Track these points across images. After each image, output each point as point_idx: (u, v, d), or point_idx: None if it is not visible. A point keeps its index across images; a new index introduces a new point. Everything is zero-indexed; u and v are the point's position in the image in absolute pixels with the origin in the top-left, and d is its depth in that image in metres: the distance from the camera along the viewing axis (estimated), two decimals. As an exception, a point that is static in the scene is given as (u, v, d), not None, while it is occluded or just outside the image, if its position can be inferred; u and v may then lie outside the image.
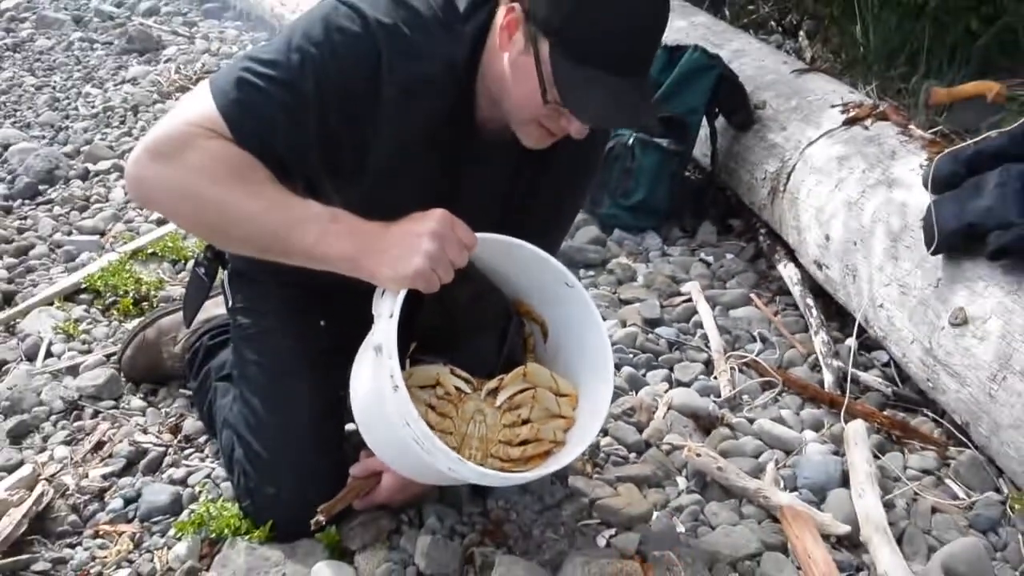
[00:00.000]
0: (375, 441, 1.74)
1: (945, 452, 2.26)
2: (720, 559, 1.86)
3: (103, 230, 3.29)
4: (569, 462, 1.73)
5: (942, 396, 2.25)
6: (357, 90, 1.60)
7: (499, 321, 1.82)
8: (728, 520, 2.00)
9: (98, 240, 3.20)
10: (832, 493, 2.08)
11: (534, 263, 1.74)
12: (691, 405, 2.37)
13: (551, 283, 1.76)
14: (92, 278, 2.85)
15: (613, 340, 2.65)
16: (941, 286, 2.24)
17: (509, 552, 1.85)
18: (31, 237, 3.22)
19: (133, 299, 2.77)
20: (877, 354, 2.66)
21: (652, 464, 2.15)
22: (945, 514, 2.05)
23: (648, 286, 3.01)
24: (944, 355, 2.18)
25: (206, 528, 1.88)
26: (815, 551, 1.84)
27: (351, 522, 1.87)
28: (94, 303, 2.79)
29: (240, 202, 1.56)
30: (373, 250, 1.55)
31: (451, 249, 1.55)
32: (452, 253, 1.55)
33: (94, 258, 3.05)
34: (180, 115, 1.59)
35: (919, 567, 1.88)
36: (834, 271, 2.70)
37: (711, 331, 2.73)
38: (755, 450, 2.23)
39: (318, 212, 1.57)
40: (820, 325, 2.72)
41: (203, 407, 2.17)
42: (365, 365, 1.68)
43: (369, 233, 1.57)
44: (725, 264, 3.20)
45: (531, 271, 1.77)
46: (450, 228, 1.55)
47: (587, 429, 1.73)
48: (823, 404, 2.44)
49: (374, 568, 1.78)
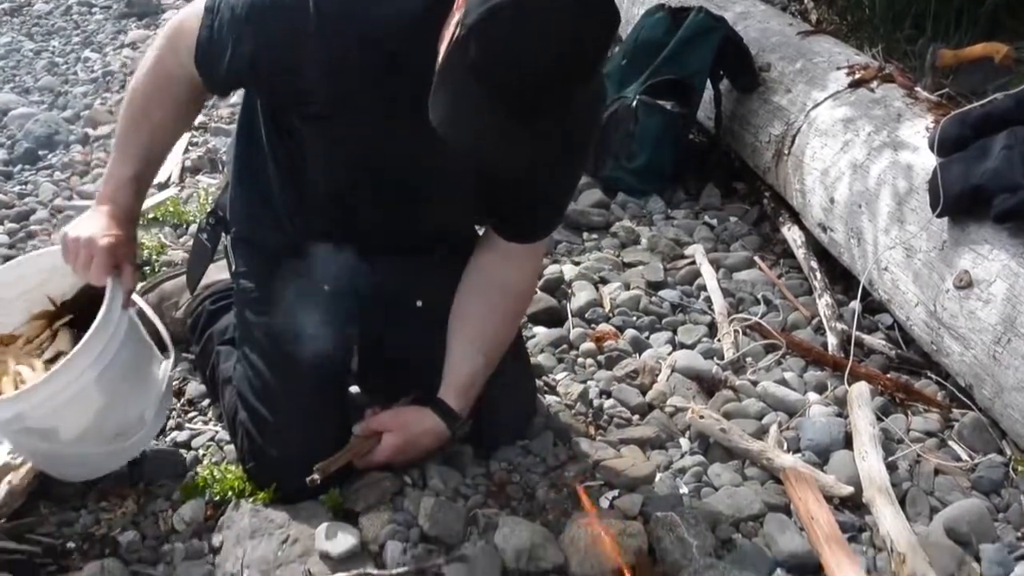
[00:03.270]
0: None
1: (948, 414, 2.27)
2: (723, 520, 1.88)
3: (104, 195, 3.28)
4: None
5: (946, 359, 2.26)
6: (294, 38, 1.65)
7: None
8: (731, 482, 2.01)
9: (99, 205, 3.19)
10: (835, 455, 2.09)
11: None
12: (694, 368, 2.38)
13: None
14: (93, 243, 2.84)
15: (617, 303, 2.66)
16: (946, 249, 2.24)
17: (513, 513, 1.86)
18: (32, 202, 3.22)
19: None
20: (881, 317, 2.66)
21: (655, 426, 2.16)
22: (948, 476, 2.06)
23: (652, 249, 3.01)
24: (948, 318, 2.19)
25: (210, 491, 1.90)
26: (818, 512, 1.85)
27: (354, 484, 1.88)
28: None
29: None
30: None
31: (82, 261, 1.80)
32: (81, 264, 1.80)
33: (96, 223, 3.04)
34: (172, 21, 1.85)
35: (921, 528, 1.89)
36: (839, 234, 2.70)
37: (715, 294, 2.74)
38: (758, 412, 2.25)
39: (102, 189, 1.94)
40: (824, 288, 2.72)
41: (206, 371, 2.18)
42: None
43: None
44: (729, 227, 3.19)
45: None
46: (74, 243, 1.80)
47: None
48: (827, 367, 2.45)
49: (378, 529, 1.79)
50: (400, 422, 1.89)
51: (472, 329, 1.92)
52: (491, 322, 1.94)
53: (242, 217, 1.99)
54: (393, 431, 1.87)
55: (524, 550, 1.73)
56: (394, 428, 1.88)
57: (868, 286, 2.55)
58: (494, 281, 1.93)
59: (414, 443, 1.89)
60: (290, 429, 1.86)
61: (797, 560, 1.79)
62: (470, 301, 1.94)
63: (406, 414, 1.91)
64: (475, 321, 1.92)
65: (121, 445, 1.89)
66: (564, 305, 2.66)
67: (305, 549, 1.76)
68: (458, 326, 1.93)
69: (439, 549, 1.78)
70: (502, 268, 1.93)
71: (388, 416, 1.90)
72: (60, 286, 2.02)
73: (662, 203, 3.33)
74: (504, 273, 1.94)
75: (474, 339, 1.92)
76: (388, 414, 1.90)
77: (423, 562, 1.73)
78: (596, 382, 2.32)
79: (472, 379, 1.91)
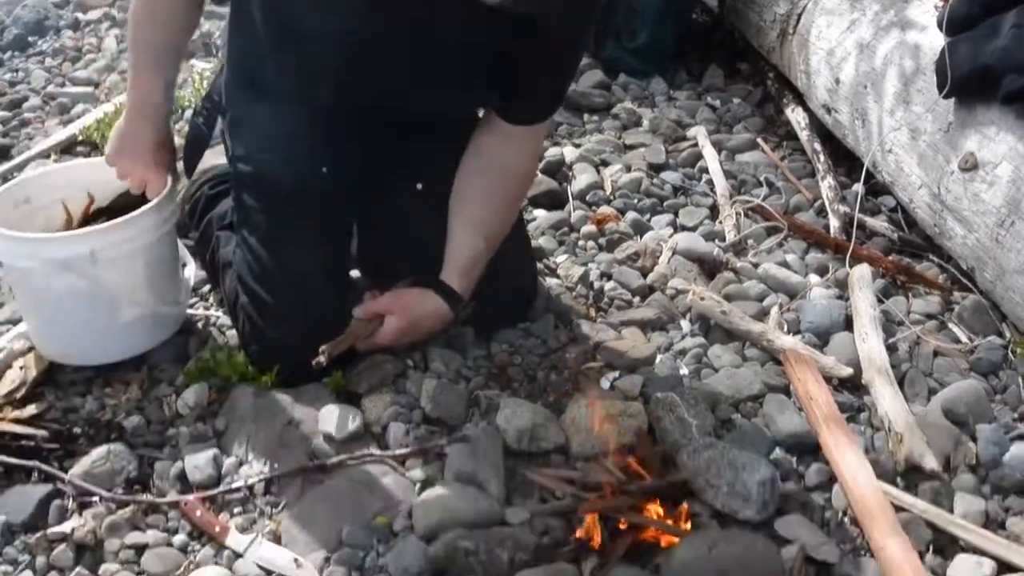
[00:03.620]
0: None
1: (949, 297, 2.27)
2: (722, 400, 1.89)
3: (97, 81, 3.25)
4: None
5: (948, 241, 2.25)
6: None
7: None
8: (731, 363, 2.02)
9: (92, 91, 3.16)
10: (835, 337, 2.10)
11: None
12: (696, 250, 2.37)
13: None
14: (88, 130, 2.83)
15: (618, 185, 2.64)
16: (952, 130, 2.21)
17: (514, 395, 1.88)
18: (24, 90, 3.18)
19: (131, 150, 2.74)
20: (884, 199, 2.64)
21: (656, 308, 2.17)
22: (947, 357, 2.07)
23: (653, 131, 2.98)
24: (952, 200, 2.17)
25: (213, 375, 1.91)
26: (817, 393, 1.87)
27: (357, 367, 1.90)
28: (91, 155, 2.76)
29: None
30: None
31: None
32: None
33: (89, 109, 3.02)
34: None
35: (919, 409, 1.91)
36: (843, 115, 2.67)
37: (717, 176, 2.72)
38: (759, 294, 2.25)
39: (131, 99, 1.94)
40: (827, 170, 2.70)
41: (206, 256, 2.17)
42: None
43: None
44: (732, 108, 3.16)
45: None
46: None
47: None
48: (828, 249, 2.44)
49: (380, 411, 1.81)
50: (402, 304, 1.89)
51: (473, 212, 1.91)
52: (492, 205, 1.92)
53: (238, 100, 1.96)
54: (395, 313, 1.87)
55: (525, 431, 1.75)
56: (396, 310, 1.88)
57: (872, 168, 2.53)
58: (495, 164, 1.91)
59: (416, 325, 1.89)
60: (290, 311, 1.86)
61: (796, 440, 1.80)
62: (471, 184, 1.92)
63: (408, 296, 1.91)
64: (476, 204, 1.91)
65: (165, 310, 1.97)
66: (565, 188, 2.64)
67: (308, 431, 1.78)
68: (459, 209, 1.91)
69: (441, 430, 1.80)
70: (503, 151, 1.91)
71: (390, 298, 1.90)
72: (101, 193, 2.08)
73: (664, 84, 3.28)
74: (505, 156, 1.92)
75: (475, 222, 1.91)
76: (389, 296, 1.90)
77: (425, 443, 1.76)
78: (597, 264, 2.32)
79: (473, 261, 1.90)
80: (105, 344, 1.93)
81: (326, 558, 1.57)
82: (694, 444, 1.68)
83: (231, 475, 1.72)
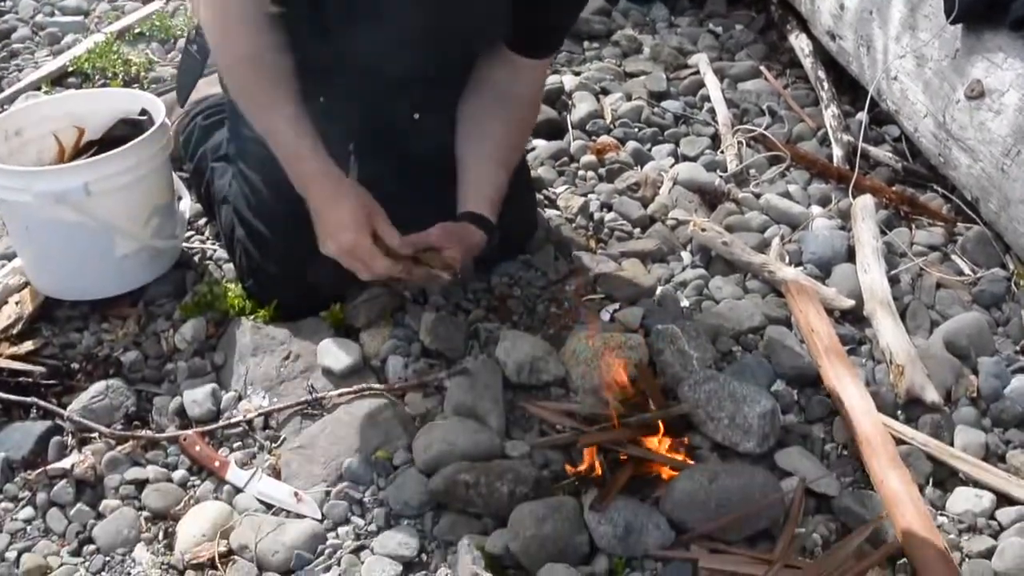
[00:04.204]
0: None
1: (953, 228, 2.26)
2: (723, 332, 1.89)
3: (87, 10, 3.20)
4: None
5: (953, 172, 2.23)
6: None
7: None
8: (732, 294, 2.02)
9: (83, 21, 3.11)
10: (837, 268, 2.09)
11: None
12: (697, 180, 2.35)
13: None
14: (79, 60, 2.80)
15: (618, 114, 2.62)
16: (959, 57, 2.18)
17: (514, 327, 1.87)
18: (12, 20, 3.13)
19: (123, 81, 2.72)
20: (888, 128, 2.62)
21: (657, 239, 2.16)
22: (949, 289, 2.07)
23: (654, 58, 2.95)
24: (958, 129, 2.14)
25: (210, 309, 1.91)
26: (818, 324, 1.86)
27: (355, 300, 1.89)
28: (82, 86, 2.73)
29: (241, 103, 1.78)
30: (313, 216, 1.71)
31: (362, 268, 1.68)
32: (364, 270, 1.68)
33: (79, 40, 2.98)
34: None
35: (921, 341, 1.91)
36: (848, 42, 2.63)
37: (718, 104, 2.69)
38: (761, 225, 2.24)
39: (285, 145, 1.73)
40: (831, 98, 2.67)
41: (200, 189, 2.15)
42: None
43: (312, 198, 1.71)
44: (734, 35, 3.12)
45: None
46: (349, 256, 1.67)
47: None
48: (831, 179, 2.42)
49: (379, 345, 1.81)
50: (456, 237, 1.77)
51: (492, 145, 1.87)
52: (508, 136, 1.90)
53: None
54: (451, 247, 1.74)
55: (525, 363, 1.74)
56: (451, 244, 1.75)
57: (876, 96, 2.50)
58: (506, 95, 1.89)
59: (466, 256, 1.78)
60: (288, 244, 1.84)
61: (797, 371, 1.80)
62: (486, 118, 1.88)
63: (458, 230, 1.79)
64: (493, 137, 1.87)
65: (160, 244, 1.96)
66: (564, 117, 2.61)
67: (307, 365, 1.78)
68: (476, 143, 1.87)
69: (440, 363, 1.80)
70: (513, 82, 1.89)
71: (440, 232, 1.77)
72: (93, 125, 2.06)
73: (665, 10, 3.24)
74: (516, 87, 1.89)
75: (494, 154, 1.87)
76: (439, 231, 1.77)
77: (424, 376, 1.76)
78: (597, 195, 2.30)
79: (500, 193, 1.86)
80: (101, 279, 1.93)
81: (326, 492, 1.58)
82: (695, 376, 1.68)
83: (230, 410, 1.73)
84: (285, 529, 1.51)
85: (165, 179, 1.97)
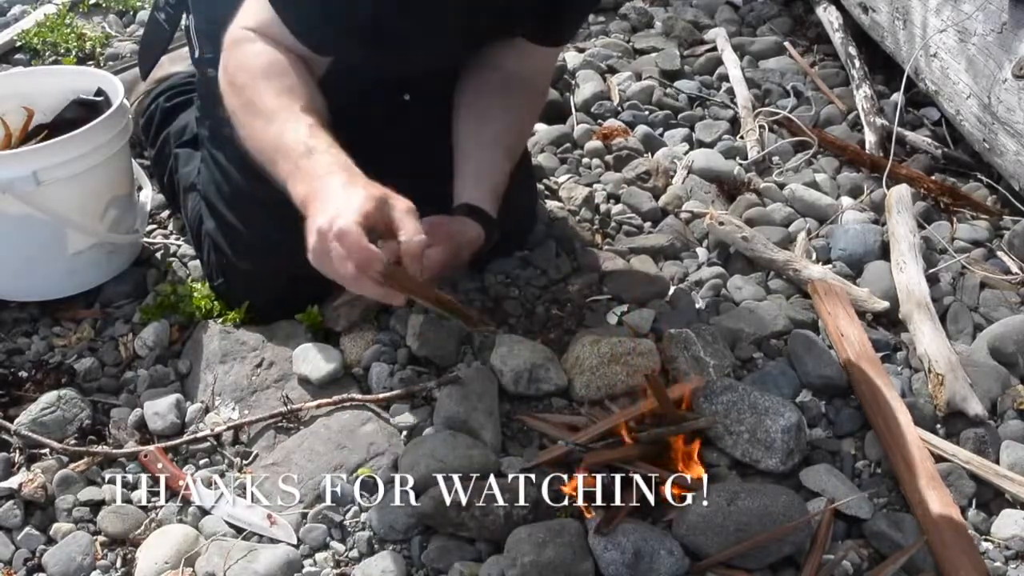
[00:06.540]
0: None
1: (999, 221, 2.27)
2: (743, 337, 1.89)
3: (37, -22, 3.20)
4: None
5: (999, 159, 2.24)
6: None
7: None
8: (753, 295, 2.02)
9: (32, -10, 3.12)
10: (870, 266, 2.10)
11: None
12: (714, 168, 2.36)
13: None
14: (28, 34, 2.80)
15: (627, 95, 2.62)
16: (1006, 32, 2.19)
17: (511, 331, 1.87)
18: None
19: (77, 57, 2.73)
20: (927, 111, 2.64)
21: (669, 234, 2.16)
22: (995, 290, 2.07)
23: (667, 34, 2.97)
24: (1004, 112, 2.15)
25: (174, 312, 1.91)
26: (849, 329, 1.87)
27: (335, 301, 1.89)
28: (31, 63, 2.74)
29: (247, 118, 1.66)
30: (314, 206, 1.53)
31: (329, 265, 1.48)
32: (330, 268, 1.48)
33: (28, 11, 2.99)
34: (238, 19, 1.70)
35: (963, 347, 1.91)
36: (882, 15, 2.64)
37: (738, 84, 2.70)
38: (785, 218, 2.24)
39: (295, 144, 1.58)
40: (863, 78, 2.68)
41: (163, 178, 2.15)
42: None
43: (318, 187, 1.55)
44: (755, 7, 3.14)
45: None
46: (325, 240, 1.47)
47: None
48: (863, 167, 2.43)
49: (362, 351, 1.81)
50: (444, 234, 1.72)
51: (496, 131, 1.87)
52: (515, 123, 1.91)
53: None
54: (438, 244, 1.67)
55: (523, 371, 1.75)
56: (438, 241, 1.68)
57: (913, 75, 2.51)
58: (513, 81, 1.90)
59: (457, 255, 1.79)
60: (264, 240, 1.83)
61: (825, 381, 1.81)
62: (492, 102, 1.89)
63: (448, 225, 1.77)
64: (499, 123, 1.88)
65: (118, 239, 1.96)
66: (567, 98, 2.63)
67: (282, 373, 1.78)
68: (479, 128, 1.88)
69: (429, 371, 1.80)
70: (521, 67, 1.91)
71: (427, 227, 1.63)
72: (43, 106, 2.07)
73: (680, -21, 3.25)
74: (524, 72, 1.91)
75: (498, 141, 1.87)
76: (426, 225, 1.63)
77: (412, 386, 1.75)
78: (603, 185, 2.30)
79: (503, 184, 1.86)
80: (52, 278, 1.93)
81: (303, 514, 1.58)
82: (712, 386, 1.68)
83: (196, 423, 1.73)
84: (257, 556, 1.50)
85: (123, 167, 1.97)
